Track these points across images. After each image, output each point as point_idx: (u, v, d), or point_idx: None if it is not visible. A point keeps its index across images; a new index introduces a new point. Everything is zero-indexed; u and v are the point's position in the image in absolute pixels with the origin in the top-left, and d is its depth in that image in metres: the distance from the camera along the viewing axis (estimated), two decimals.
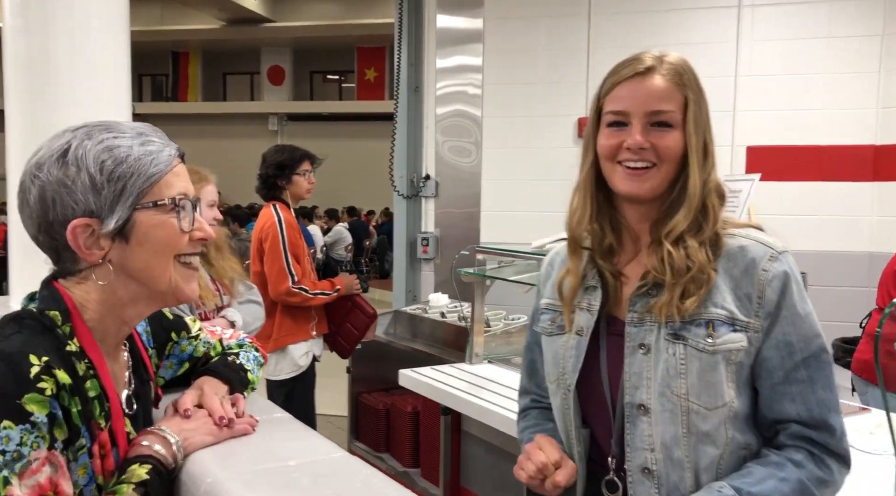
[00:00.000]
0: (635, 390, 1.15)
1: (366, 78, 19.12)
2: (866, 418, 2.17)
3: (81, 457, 0.91)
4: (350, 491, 0.86)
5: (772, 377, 1.13)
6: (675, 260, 1.12)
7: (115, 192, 0.95)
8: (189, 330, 1.25)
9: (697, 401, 1.12)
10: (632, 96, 1.14)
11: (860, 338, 3.93)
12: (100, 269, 0.97)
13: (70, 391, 0.89)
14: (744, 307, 1.12)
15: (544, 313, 1.31)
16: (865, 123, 4.26)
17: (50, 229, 0.96)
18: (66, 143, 0.96)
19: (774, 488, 1.08)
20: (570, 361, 1.22)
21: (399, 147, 5.12)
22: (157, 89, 20.40)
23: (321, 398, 5.24)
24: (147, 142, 0.99)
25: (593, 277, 1.23)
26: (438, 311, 3.74)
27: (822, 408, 1.13)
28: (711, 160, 1.16)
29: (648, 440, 1.14)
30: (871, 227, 4.30)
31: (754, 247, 1.15)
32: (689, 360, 1.12)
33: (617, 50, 5.22)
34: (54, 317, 0.95)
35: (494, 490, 2.75)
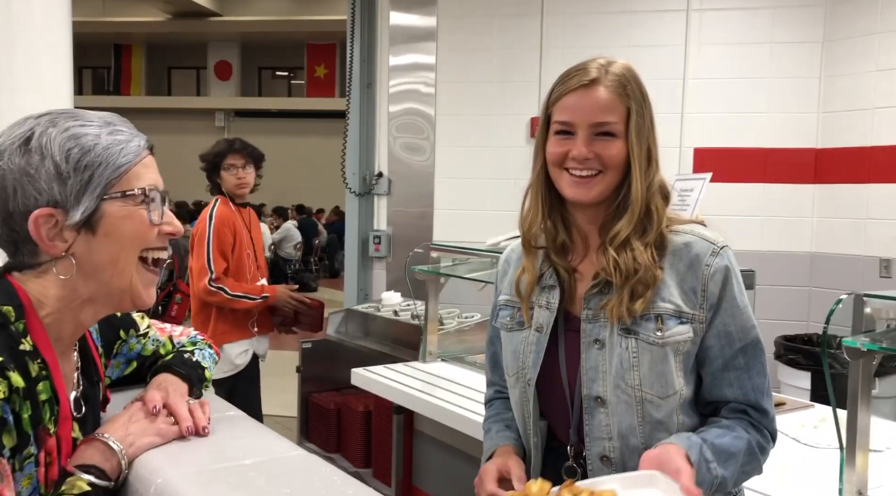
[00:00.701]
0: (592, 383, 1.21)
1: (316, 75, 18.91)
2: (810, 413, 2.23)
3: (28, 466, 0.86)
4: (309, 490, 0.83)
5: (713, 364, 1.23)
6: (621, 264, 1.19)
7: (82, 182, 0.91)
8: (137, 327, 1.20)
9: (650, 391, 1.19)
10: (577, 107, 1.19)
11: (802, 335, 4.05)
12: (61, 263, 0.93)
13: (22, 395, 0.84)
14: (689, 300, 1.20)
15: (503, 309, 1.36)
16: (807, 127, 4.40)
17: (9, 220, 0.91)
18: (29, 130, 0.91)
19: (731, 442, 1.18)
20: (529, 357, 1.27)
21: (351, 144, 5.07)
22: (99, 82, 19.79)
23: (269, 398, 5.15)
24: (115, 131, 0.95)
25: (551, 276, 1.28)
26: (391, 310, 3.72)
27: (757, 392, 1.23)
28: (655, 165, 1.23)
29: (606, 430, 1.21)
30: (812, 228, 4.44)
31: (697, 243, 1.22)
32: (640, 353, 1.19)
33: (569, 50, 5.30)
34: (7, 313, 0.89)
35: (447, 489, 2.74)
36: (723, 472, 1.16)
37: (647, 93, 1.23)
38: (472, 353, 3.04)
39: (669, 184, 1.29)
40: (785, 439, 1.99)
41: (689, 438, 1.16)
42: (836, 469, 1.61)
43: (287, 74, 20.17)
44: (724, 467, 1.16)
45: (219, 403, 1.14)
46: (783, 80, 4.41)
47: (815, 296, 4.39)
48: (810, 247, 4.43)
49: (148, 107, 18.36)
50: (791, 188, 4.44)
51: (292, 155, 18.79)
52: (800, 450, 1.94)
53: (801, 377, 3.67)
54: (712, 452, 1.15)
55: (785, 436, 2.01)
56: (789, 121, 4.42)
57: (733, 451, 1.18)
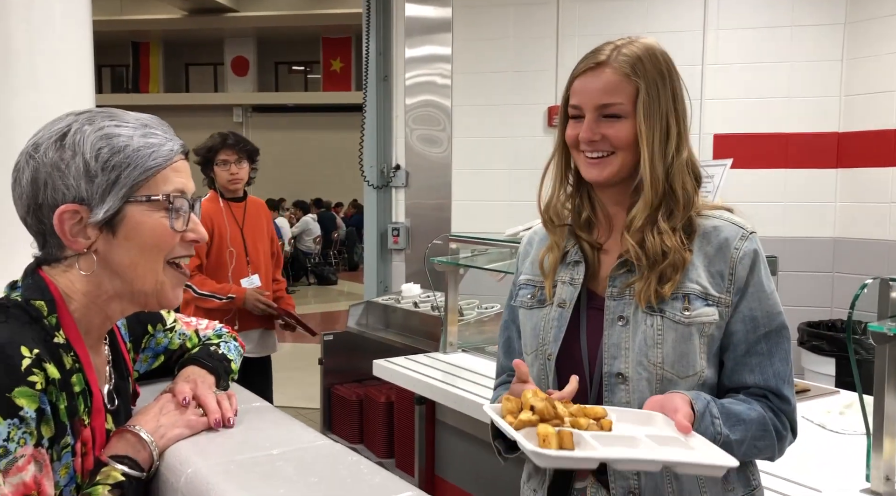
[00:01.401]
0: (613, 360, 1.21)
1: (331, 69, 18.94)
2: (836, 399, 2.21)
3: (65, 456, 0.88)
4: (336, 478, 0.84)
5: (736, 349, 1.21)
6: (648, 246, 1.18)
7: (109, 182, 0.92)
8: (164, 322, 1.22)
9: (671, 369, 1.19)
10: (584, 90, 1.21)
11: (826, 321, 4.01)
12: (84, 259, 0.94)
13: (58, 386, 0.86)
14: (716, 283, 1.20)
15: (523, 288, 1.35)
16: (829, 111, 4.34)
17: (38, 212, 0.93)
18: (67, 127, 0.93)
19: (743, 410, 1.18)
20: (551, 332, 1.26)
21: (368, 137, 5.08)
22: (118, 80, 19.96)
23: (292, 390, 5.21)
24: (149, 134, 0.96)
25: (576, 252, 1.28)
26: (411, 301, 3.73)
27: (778, 379, 1.21)
28: (675, 143, 1.20)
29: (626, 406, 1.20)
30: (835, 213, 4.39)
31: (727, 227, 1.22)
32: (665, 331, 1.18)
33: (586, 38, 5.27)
34: (40, 308, 0.91)
35: (470, 478, 2.75)
36: (727, 433, 1.14)
37: (668, 70, 1.21)
38: (492, 344, 3.04)
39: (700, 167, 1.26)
40: (810, 425, 1.98)
41: (698, 393, 1.16)
42: (862, 455, 1.60)
43: (303, 69, 20.22)
44: (731, 430, 1.15)
45: (245, 395, 1.16)
46: (804, 64, 4.35)
47: (839, 282, 4.34)
48: (833, 232, 4.38)
49: (166, 104, 18.51)
50: (813, 173, 4.39)
51: (310, 149, 18.87)
52: (825, 436, 1.92)
53: (825, 363, 3.64)
54: (719, 411, 1.15)
55: (810, 422, 1.99)
56: (811, 105, 4.36)
57: (743, 418, 1.17)
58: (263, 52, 19.54)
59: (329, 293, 11.90)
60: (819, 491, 1.56)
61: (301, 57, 19.78)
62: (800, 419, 1.28)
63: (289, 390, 5.31)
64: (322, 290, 12.16)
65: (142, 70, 19.82)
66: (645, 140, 1.18)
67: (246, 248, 3.27)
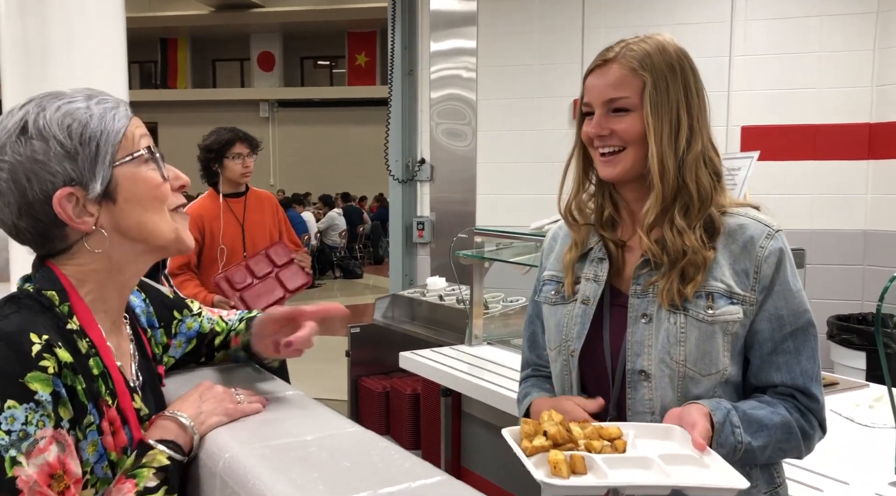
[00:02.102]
0: (636, 357, 1.21)
1: (357, 63, 19.01)
2: (865, 393, 2.20)
3: (91, 434, 0.90)
4: (368, 463, 0.87)
5: (762, 348, 1.21)
6: (668, 244, 1.19)
7: (91, 154, 0.92)
8: (191, 308, 1.25)
9: (694, 367, 1.19)
10: (592, 87, 1.23)
11: (856, 315, 3.97)
12: (93, 238, 0.95)
13: (72, 369, 0.89)
14: (741, 282, 1.19)
15: (547, 284, 1.36)
16: (860, 102, 4.27)
17: (31, 210, 0.92)
18: (21, 119, 0.92)
19: (765, 415, 1.17)
20: (574, 329, 1.27)
21: (394, 131, 5.11)
22: (146, 76, 20.23)
23: (319, 382, 5.27)
24: (101, 100, 0.96)
25: (600, 249, 1.29)
26: (436, 294, 3.75)
27: (805, 377, 1.20)
28: (687, 136, 1.19)
29: (649, 404, 1.21)
30: (865, 206, 4.33)
31: (752, 225, 1.21)
32: (688, 329, 1.18)
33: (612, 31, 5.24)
34: (52, 297, 0.93)
35: (496, 469, 2.77)
36: (749, 440, 1.14)
37: (680, 64, 1.20)
38: (517, 336, 3.05)
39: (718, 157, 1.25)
40: (839, 419, 1.97)
41: (719, 402, 1.16)
42: (891, 448, 1.59)
43: (328, 63, 20.31)
44: (753, 436, 1.14)
45: (279, 384, 1.19)
46: (834, 54, 4.28)
47: (869, 275, 4.29)
48: (864, 224, 4.31)
49: (194, 99, 18.75)
50: (843, 165, 4.32)
51: (336, 143, 18.97)
52: (854, 429, 1.91)
53: (855, 357, 3.60)
54: (741, 419, 1.14)
55: (838, 415, 1.98)
56: (841, 96, 4.30)
57: (766, 423, 1.16)
58: (289, 47, 19.67)
59: (355, 286, 11.99)
60: (847, 483, 1.55)
61: (326, 51, 19.88)
62: (828, 412, 1.27)
63: (316, 382, 5.37)
64: (348, 284, 12.25)
65: (170, 66, 20.06)
66: (653, 133, 1.17)
67: (245, 244, 3.28)
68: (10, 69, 2.01)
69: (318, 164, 18.91)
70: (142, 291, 1.18)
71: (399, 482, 0.81)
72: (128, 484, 0.92)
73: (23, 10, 1.94)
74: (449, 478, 0.82)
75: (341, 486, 0.80)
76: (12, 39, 1.99)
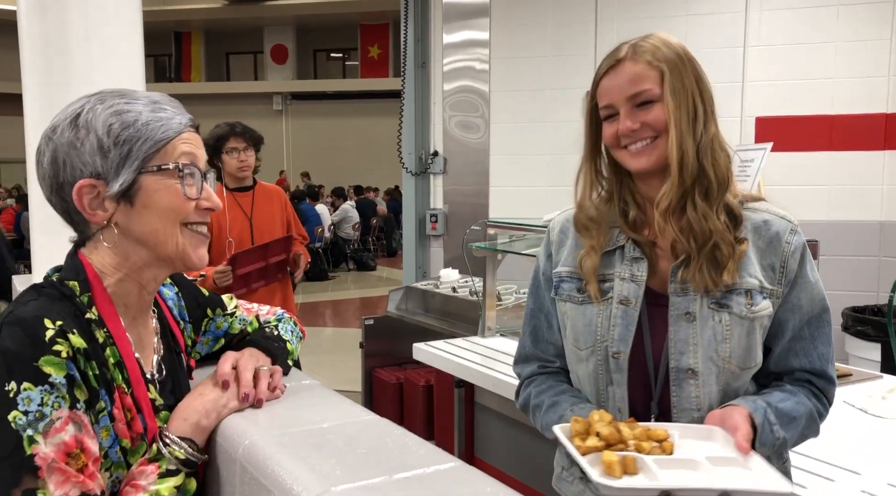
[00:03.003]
0: (681, 355, 1.23)
1: (369, 55, 19.02)
2: (878, 384, 2.20)
3: (102, 420, 0.94)
4: (384, 450, 0.89)
5: (784, 337, 1.27)
6: (694, 227, 1.21)
7: (122, 155, 0.97)
8: (224, 307, 1.26)
9: (736, 363, 1.23)
10: (611, 88, 1.24)
11: (872, 306, 3.94)
12: (106, 232, 1.00)
13: (85, 355, 0.92)
14: (768, 276, 1.24)
15: (566, 282, 1.33)
16: (876, 92, 4.23)
17: (60, 190, 0.99)
18: (80, 107, 0.99)
19: (793, 407, 1.23)
20: (615, 330, 1.26)
21: (407, 124, 5.12)
22: (161, 70, 20.34)
23: (334, 374, 5.32)
24: (158, 109, 1.00)
25: (634, 249, 1.28)
26: (450, 286, 3.77)
27: (822, 360, 1.28)
28: (703, 122, 1.22)
29: (696, 401, 1.23)
30: (882, 196, 4.29)
31: (776, 221, 1.26)
32: (733, 326, 1.22)
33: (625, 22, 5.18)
34: (73, 287, 0.97)
35: (509, 460, 2.79)
36: (784, 435, 1.20)
37: (686, 55, 1.24)
38: None
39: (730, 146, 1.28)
40: (852, 410, 1.97)
41: (755, 402, 1.21)
42: None
43: (341, 56, 20.34)
44: (786, 430, 1.21)
45: (295, 373, 1.21)
46: (850, 44, 4.24)
47: (886, 266, 4.26)
48: (880, 215, 4.28)
49: (208, 92, 18.84)
50: (859, 155, 4.29)
51: (349, 136, 19.01)
52: (867, 420, 1.92)
53: (870, 349, 3.59)
54: (776, 415, 1.20)
55: (852, 406, 1.99)
56: (857, 86, 4.26)
57: (795, 416, 1.22)
58: (302, 39, 19.71)
59: (368, 279, 12.04)
60: (858, 473, 1.56)
61: (339, 44, 19.91)
62: (841, 403, 1.30)
63: (331, 373, 5.42)
64: (361, 276, 12.30)
65: (184, 59, 20.17)
66: (673, 119, 1.20)
67: (253, 238, 3.28)
68: (31, 65, 2.05)
69: (332, 156, 18.96)
70: (175, 285, 1.20)
71: (414, 467, 0.83)
72: (151, 466, 0.96)
73: (43, 7, 1.97)
74: (463, 464, 0.84)
75: (358, 472, 0.82)
76: (32, 36, 2.02)
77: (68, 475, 0.86)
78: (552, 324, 1.37)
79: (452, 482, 0.80)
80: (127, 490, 0.94)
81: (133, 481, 0.95)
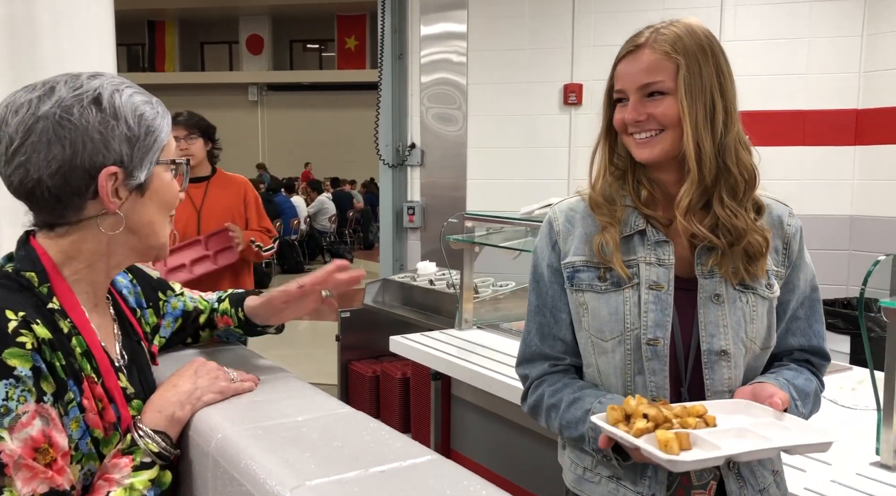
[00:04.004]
0: (712, 338, 1.22)
1: (346, 47, 18.88)
2: (849, 375, 2.23)
3: (72, 411, 0.92)
4: (359, 443, 0.88)
5: (784, 317, 1.30)
6: (723, 225, 1.20)
7: (148, 147, 0.98)
8: (173, 289, 1.29)
9: (760, 343, 1.25)
10: (626, 74, 1.23)
11: (842, 299, 4.00)
12: (111, 219, 0.98)
13: (51, 345, 0.90)
14: (775, 258, 1.27)
15: (583, 271, 1.27)
16: (848, 88, 4.29)
17: (70, 173, 0.93)
18: (96, 90, 0.96)
19: (805, 384, 1.28)
20: (650, 316, 1.22)
21: (384, 116, 5.09)
22: (134, 59, 20.02)
23: (310, 367, 5.29)
24: (157, 103, 1.03)
25: (656, 232, 1.25)
26: (427, 279, 3.77)
27: (818, 338, 1.33)
28: (722, 120, 1.20)
29: (728, 382, 1.23)
30: (852, 191, 4.36)
31: (775, 205, 1.31)
32: (758, 307, 1.24)
33: (602, 15, 5.18)
34: (31, 279, 0.95)
35: (485, 452, 2.80)
36: (805, 411, 1.25)
37: (710, 47, 1.21)
38: (506, 320, 3.07)
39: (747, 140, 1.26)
40: (823, 401, 1.99)
41: (776, 378, 1.24)
42: (873, 429, 1.62)
43: (318, 47, 20.17)
44: (805, 406, 1.25)
45: (270, 366, 1.19)
46: (823, 40, 4.30)
47: (855, 260, 4.33)
48: (850, 209, 4.35)
49: (182, 82, 18.56)
50: (831, 150, 4.35)
51: (325, 128, 18.88)
52: (837, 411, 1.95)
53: (840, 341, 3.64)
54: (796, 392, 1.24)
55: (822, 397, 2.01)
56: (829, 81, 4.32)
57: (808, 392, 1.27)
58: (278, 30, 19.50)
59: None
60: (829, 464, 1.58)
61: (316, 35, 19.73)
62: None
63: (306, 366, 5.39)
64: None
65: (157, 49, 19.86)
66: (687, 116, 1.17)
67: (199, 230, 3.17)
68: None
69: (309, 147, 18.81)
70: (128, 272, 1.19)
71: (390, 461, 0.82)
72: (125, 459, 0.94)
73: None
74: (439, 458, 0.83)
75: (333, 465, 0.81)
76: None
77: (36, 471, 0.84)
78: (559, 319, 1.30)
79: (429, 475, 0.80)
80: (100, 484, 0.93)
81: (106, 474, 0.93)
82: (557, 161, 4.64)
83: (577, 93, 4.61)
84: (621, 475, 1.24)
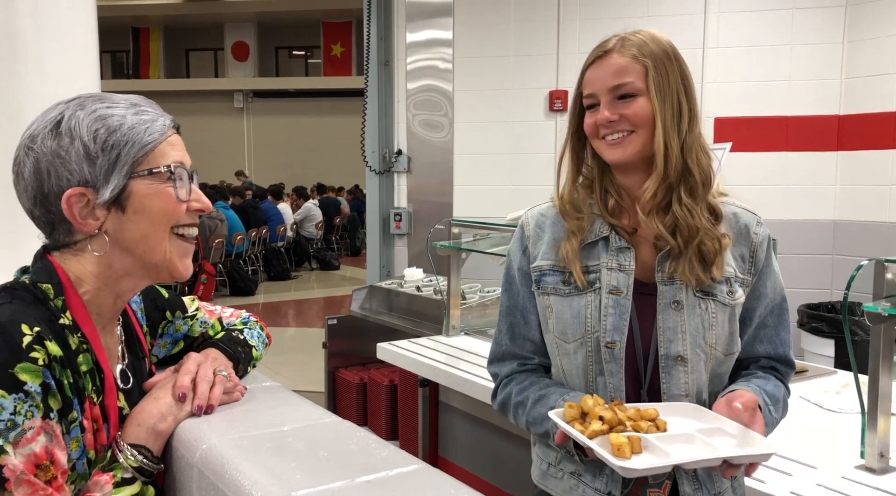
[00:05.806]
0: (670, 343, 1.25)
1: (332, 53, 18.87)
2: (833, 379, 2.25)
3: (74, 430, 0.91)
4: (345, 453, 0.87)
5: (750, 325, 1.33)
6: (680, 223, 1.23)
7: (110, 161, 0.95)
8: (185, 309, 1.23)
9: (721, 349, 1.28)
10: (595, 78, 1.26)
11: (826, 303, 4.04)
12: (96, 240, 0.97)
13: (61, 363, 0.89)
14: (740, 266, 1.30)
15: (549, 274, 1.31)
16: (830, 94, 4.34)
17: (45, 201, 0.95)
18: (59, 114, 0.96)
19: (774, 390, 1.30)
20: (607, 320, 1.25)
21: (370, 122, 5.09)
22: (118, 66, 19.89)
23: (297, 374, 5.26)
24: (140, 111, 0.99)
25: (619, 239, 1.29)
26: (414, 285, 3.76)
27: (785, 346, 1.35)
28: (688, 121, 1.25)
29: (685, 387, 1.26)
30: (835, 196, 4.41)
31: (744, 213, 1.33)
32: (717, 314, 1.26)
33: (587, 21, 5.21)
34: (47, 291, 0.94)
35: (473, 458, 2.80)
36: (777, 416, 1.28)
37: (673, 53, 1.26)
38: (494, 327, 3.07)
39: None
40: (807, 405, 2.01)
41: (748, 385, 1.26)
42: (857, 433, 1.63)
43: (304, 54, 20.14)
44: (777, 412, 1.28)
45: (255, 374, 1.19)
46: (805, 47, 4.35)
47: (839, 264, 4.37)
48: (833, 214, 4.40)
49: (167, 89, 18.45)
50: (814, 156, 4.40)
51: (311, 134, 18.84)
52: (822, 415, 1.96)
53: (824, 345, 3.68)
54: (768, 397, 1.26)
55: (807, 401, 2.03)
56: (812, 87, 4.37)
57: (778, 398, 1.29)
58: (264, 36, 19.45)
59: (332, 278, 11.95)
60: (814, 467, 1.59)
61: (302, 42, 19.70)
62: (797, 398, 1.34)
63: (293, 374, 5.36)
64: (325, 275, 12.20)
65: (142, 56, 19.75)
66: (658, 114, 1.21)
67: None
68: None
69: (294, 154, 18.77)
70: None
71: (377, 470, 0.81)
72: (105, 476, 0.93)
73: None
74: (426, 467, 0.83)
75: (319, 475, 0.81)
76: None
77: (36, 488, 0.84)
78: (529, 320, 1.35)
79: (416, 485, 0.79)
80: None
81: (87, 493, 0.92)
82: (544, 167, 4.65)
83: (563, 99, 4.63)
84: (582, 471, 1.28)
